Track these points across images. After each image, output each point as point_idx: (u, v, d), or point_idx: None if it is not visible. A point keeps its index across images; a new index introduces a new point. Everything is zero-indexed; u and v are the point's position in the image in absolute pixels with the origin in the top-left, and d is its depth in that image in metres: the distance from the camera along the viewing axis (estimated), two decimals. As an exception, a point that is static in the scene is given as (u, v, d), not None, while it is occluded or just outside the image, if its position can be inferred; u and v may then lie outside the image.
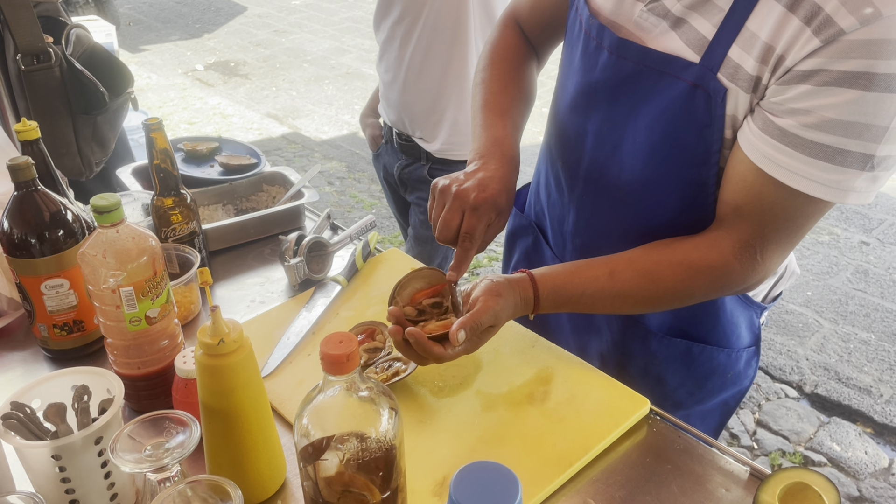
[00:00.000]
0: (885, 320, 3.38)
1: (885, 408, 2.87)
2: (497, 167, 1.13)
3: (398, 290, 1.13)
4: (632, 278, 1.08)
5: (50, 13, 1.96)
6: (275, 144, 5.40)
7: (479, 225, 1.08)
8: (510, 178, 1.14)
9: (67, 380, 0.96)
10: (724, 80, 0.98)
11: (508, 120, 1.23)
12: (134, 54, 7.35)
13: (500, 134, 1.20)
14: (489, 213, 1.09)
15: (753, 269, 1.05)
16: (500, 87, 1.28)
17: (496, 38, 1.36)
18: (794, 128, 0.93)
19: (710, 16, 0.99)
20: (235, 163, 1.74)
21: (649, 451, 1.05)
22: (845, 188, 0.94)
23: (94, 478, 0.90)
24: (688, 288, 1.07)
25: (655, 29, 1.05)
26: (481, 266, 3.88)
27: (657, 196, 1.12)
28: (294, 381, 1.17)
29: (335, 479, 0.79)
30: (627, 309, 1.13)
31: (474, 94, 1.30)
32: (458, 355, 1.03)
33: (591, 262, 1.12)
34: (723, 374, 1.27)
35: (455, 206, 1.08)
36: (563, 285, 1.10)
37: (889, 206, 4.36)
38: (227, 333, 0.86)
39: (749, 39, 0.95)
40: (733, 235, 1.04)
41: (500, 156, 1.16)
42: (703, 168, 1.06)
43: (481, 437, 1.04)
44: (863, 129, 0.89)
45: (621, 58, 1.08)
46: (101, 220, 1.00)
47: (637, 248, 1.11)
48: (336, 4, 9.10)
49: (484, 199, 1.08)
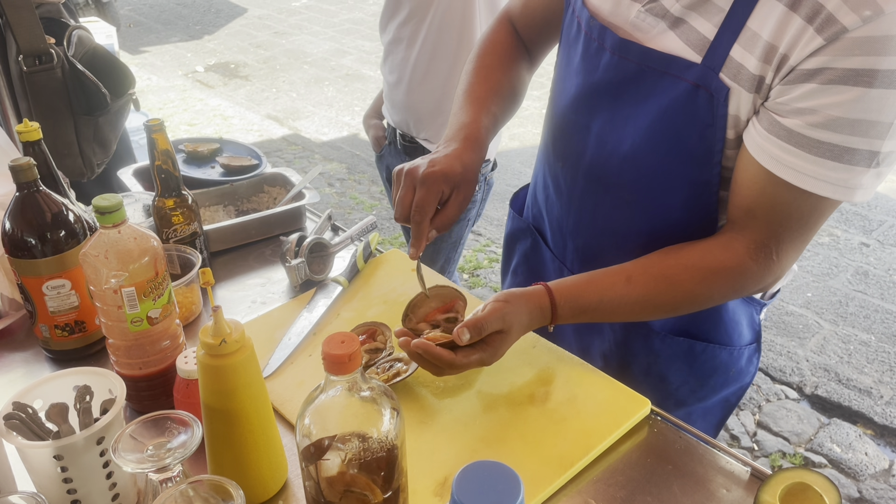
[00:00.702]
0: (886, 321, 3.38)
1: (886, 409, 2.87)
2: (453, 147, 1.14)
3: (411, 309, 1.14)
4: (649, 283, 1.08)
5: (52, 14, 1.97)
6: (275, 146, 5.40)
7: (429, 198, 1.08)
8: (466, 155, 1.13)
9: (69, 380, 0.96)
10: (727, 80, 0.98)
11: (482, 107, 1.22)
12: (134, 56, 7.36)
13: (467, 119, 1.19)
14: (438, 186, 1.08)
15: (769, 268, 1.05)
16: (480, 77, 1.28)
17: (487, 34, 1.36)
18: (801, 128, 0.93)
19: (709, 16, 0.99)
20: (236, 164, 1.74)
21: (650, 452, 1.05)
22: (852, 186, 0.94)
23: (95, 478, 0.90)
24: (706, 291, 1.08)
25: (653, 29, 1.05)
26: (481, 267, 3.88)
27: (659, 195, 1.12)
28: (295, 382, 1.17)
29: (337, 479, 0.80)
30: (646, 315, 1.13)
31: (457, 87, 1.30)
32: (472, 363, 1.03)
33: (606, 271, 1.11)
34: (725, 372, 1.27)
35: (406, 184, 1.09)
36: (581, 293, 1.09)
37: (889, 207, 4.36)
38: (229, 334, 0.86)
39: (751, 39, 0.95)
40: (747, 236, 1.04)
41: (461, 139, 1.16)
42: (706, 167, 1.06)
43: (483, 438, 1.04)
44: (868, 127, 0.90)
45: (623, 58, 1.08)
46: (102, 221, 1.00)
47: (651, 255, 1.11)
48: (336, 6, 9.11)
49: (431, 172, 1.08)
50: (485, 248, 4.07)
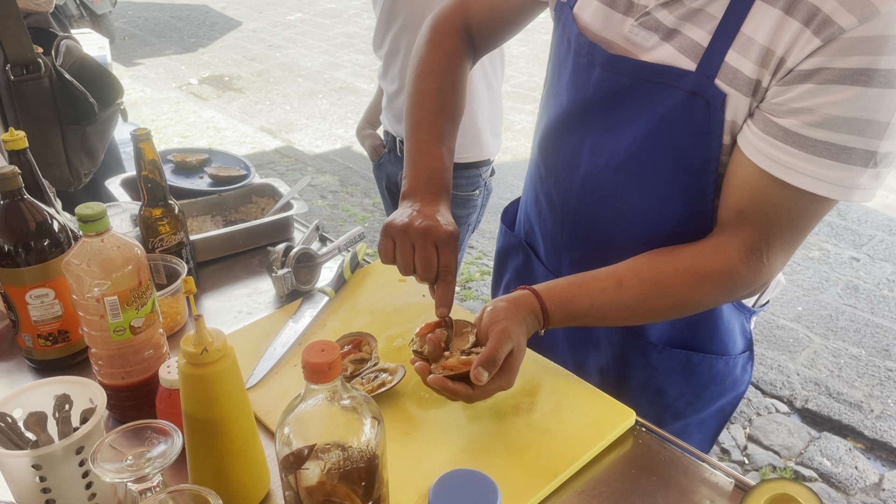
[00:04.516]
0: (876, 336, 3.39)
1: (876, 423, 2.87)
2: (439, 204, 1.16)
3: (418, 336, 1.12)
4: (640, 288, 1.08)
5: (40, 24, 1.97)
6: (268, 158, 5.40)
7: (454, 256, 1.10)
8: (444, 207, 1.17)
9: (50, 389, 0.96)
10: (723, 86, 0.98)
11: (444, 146, 1.23)
12: (128, 68, 7.37)
13: (437, 166, 1.21)
14: (457, 244, 1.11)
15: (759, 271, 1.05)
16: (437, 104, 1.26)
17: (438, 35, 1.32)
18: (798, 127, 0.94)
19: (703, 24, 1.00)
20: (225, 174, 1.74)
21: (634, 463, 1.05)
22: (850, 186, 0.95)
23: (74, 488, 0.89)
24: (696, 295, 1.07)
25: (647, 42, 1.05)
26: (473, 280, 3.88)
27: (655, 206, 1.12)
28: (280, 392, 1.16)
29: (317, 489, 0.79)
30: (636, 320, 1.13)
31: (411, 105, 1.28)
32: (492, 391, 1.01)
33: (596, 275, 1.11)
34: (721, 382, 1.27)
35: (427, 244, 1.09)
36: (572, 298, 1.09)
37: (879, 221, 4.38)
38: (211, 343, 0.86)
39: (746, 44, 0.96)
40: (738, 239, 1.04)
41: (436, 192, 1.18)
42: (702, 176, 1.06)
43: (466, 448, 1.04)
44: (865, 126, 0.91)
45: (615, 73, 1.08)
46: (85, 230, 1.00)
47: (640, 258, 1.11)
48: (331, 20, 9.15)
49: (451, 233, 1.10)
50: (477, 260, 4.07)
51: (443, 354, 1.06)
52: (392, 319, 1.33)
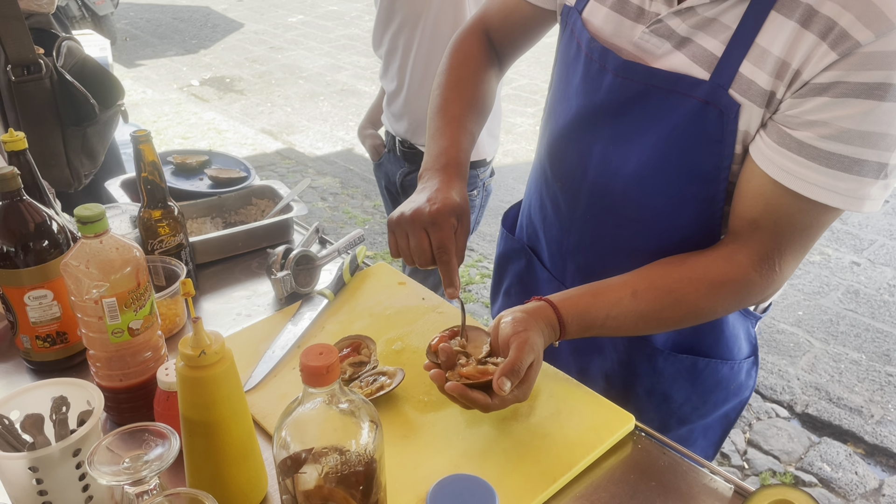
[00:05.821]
0: (876, 340, 3.38)
1: (876, 428, 2.87)
2: (440, 179, 1.14)
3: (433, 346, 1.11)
4: (655, 297, 1.07)
5: (42, 25, 1.97)
6: (269, 160, 5.40)
7: (446, 235, 1.08)
8: (455, 184, 1.14)
9: (47, 391, 0.95)
10: (737, 96, 0.99)
11: (459, 126, 1.23)
12: (130, 69, 7.37)
13: (447, 143, 1.20)
14: (449, 221, 1.08)
15: (772, 279, 1.06)
16: (454, 93, 1.28)
17: (458, 42, 1.35)
18: (812, 139, 0.94)
19: (716, 34, 1.00)
20: (225, 176, 1.74)
21: (634, 468, 1.04)
22: (861, 196, 0.95)
23: (71, 490, 0.89)
24: (711, 304, 1.08)
25: (658, 50, 1.05)
26: (473, 283, 3.87)
27: (665, 213, 1.12)
28: (278, 395, 1.16)
29: (314, 493, 0.79)
30: (650, 329, 1.13)
31: (430, 100, 1.30)
32: (508, 403, 1.01)
33: (610, 284, 1.10)
34: (726, 387, 1.27)
35: (416, 229, 1.08)
36: (588, 309, 1.08)
37: (880, 226, 4.38)
38: (209, 345, 0.86)
39: (760, 55, 0.96)
40: (750, 248, 1.04)
41: (443, 166, 1.16)
42: (713, 184, 1.06)
43: (465, 453, 1.04)
44: (878, 139, 0.91)
45: (627, 79, 1.08)
46: (84, 231, 1.00)
47: (653, 267, 1.10)
48: (332, 22, 9.16)
49: (438, 210, 1.07)
50: (477, 263, 4.07)
51: (457, 363, 1.05)
52: (391, 322, 1.32)
